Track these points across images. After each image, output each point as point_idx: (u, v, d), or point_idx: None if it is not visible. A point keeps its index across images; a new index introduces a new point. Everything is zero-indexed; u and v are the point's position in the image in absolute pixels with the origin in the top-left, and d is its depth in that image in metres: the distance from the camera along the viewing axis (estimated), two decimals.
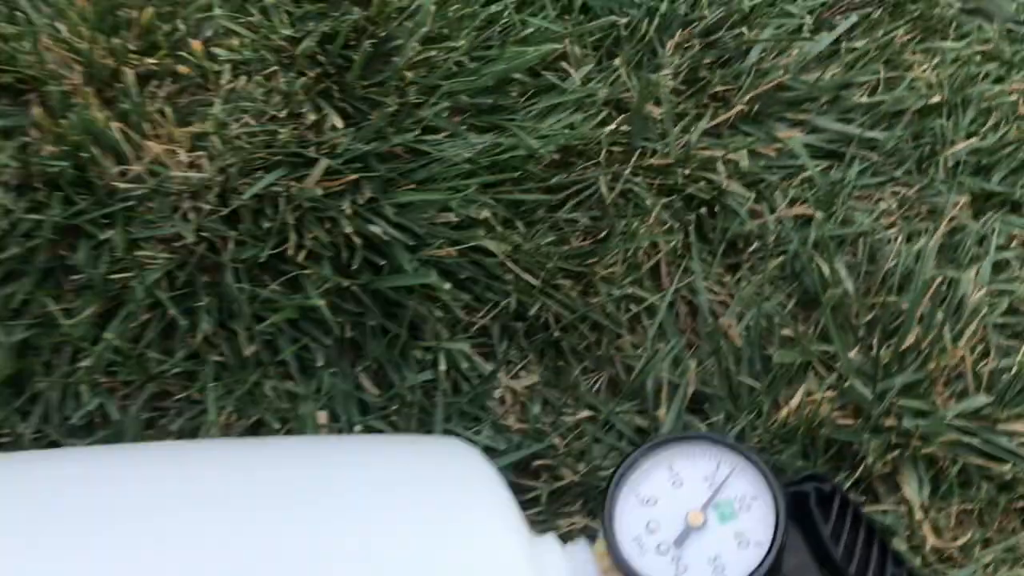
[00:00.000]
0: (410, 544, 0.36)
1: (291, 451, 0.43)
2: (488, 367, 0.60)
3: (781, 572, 0.39)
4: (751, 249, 0.65)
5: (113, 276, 0.57)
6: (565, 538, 0.40)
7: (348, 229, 0.58)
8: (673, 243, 0.63)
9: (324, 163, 0.59)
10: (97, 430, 0.56)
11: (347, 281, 0.58)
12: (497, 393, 0.59)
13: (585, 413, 0.59)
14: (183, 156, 0.58)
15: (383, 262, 0.59)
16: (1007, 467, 0.58)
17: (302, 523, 0.36)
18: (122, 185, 0.58)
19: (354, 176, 0.59)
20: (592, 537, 0.40)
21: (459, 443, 0.43)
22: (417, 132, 0.61)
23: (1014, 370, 0.61)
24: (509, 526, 0.37)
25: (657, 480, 0.39)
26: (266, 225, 0.58)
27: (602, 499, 0.38)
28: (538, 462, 0.57)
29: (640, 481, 0.39)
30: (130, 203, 0.58)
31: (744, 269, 0.65)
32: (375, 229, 0.59)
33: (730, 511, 0.37)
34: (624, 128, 0.65)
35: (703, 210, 0.65)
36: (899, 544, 0.57)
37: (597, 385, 0.61)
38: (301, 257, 0.58)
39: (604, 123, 0.65)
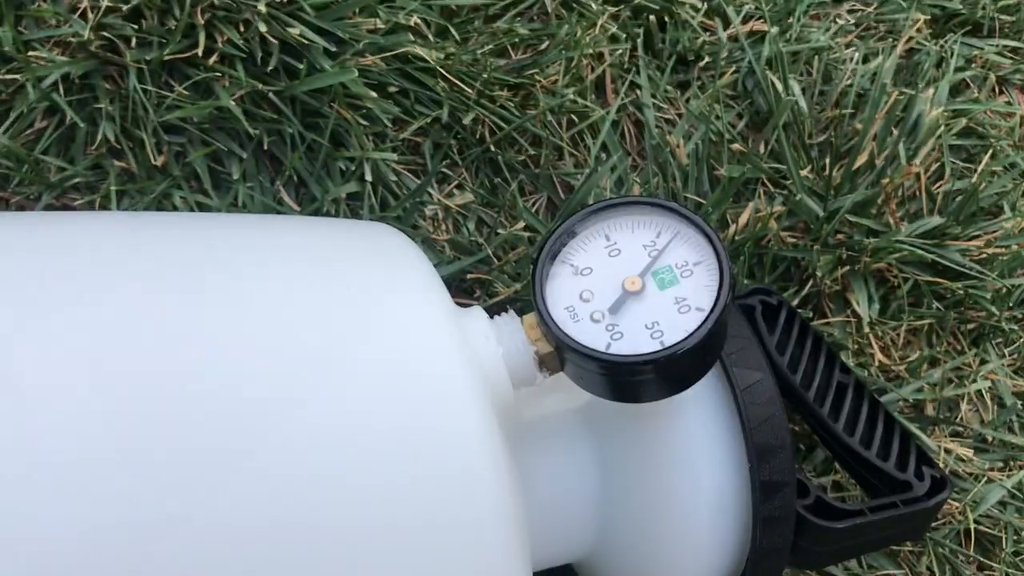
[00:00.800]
0: (328, 305, 0.32)
1: (219, 220, 0.39)
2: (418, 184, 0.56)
3: (722, 346, 0.36)
4: (702, 64, 0.61)
5: (2, 76, 0.51)
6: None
7: (263, 29, 0.53)
8: (620, 53, 0.59)
9: None
10: None
11: (263, 86, 0.53)
12: (429, 211, 0.55)
13: (521, 229, 0.55)
14: None
15: (302, 68, 0.54)
16: (959, 284, 0.56)
17: (222, 284, 0.32)
18: None
19: None
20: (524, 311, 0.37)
21: (385, 226, 0.39)
22: None
23: (969, 191, 0.59)
24: (432, 295, 0.34)
25: (593, 250, 0.35)
26: (172, 24, 0.53)
27: (532, 268, 0.35)
28: (472, 275, 0.53)
29: (574, 251, 0.35)
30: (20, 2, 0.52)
31: (694, 86, 0.61)
32: (293, 31, 0.54)
33: (670, 277, 0.34)
34: None
35: (652, 20, 0.60)
36: (846, 360, 0.55)
37: (535, 205, 0.57)
38: (212, 60, 0.53)
39: None
